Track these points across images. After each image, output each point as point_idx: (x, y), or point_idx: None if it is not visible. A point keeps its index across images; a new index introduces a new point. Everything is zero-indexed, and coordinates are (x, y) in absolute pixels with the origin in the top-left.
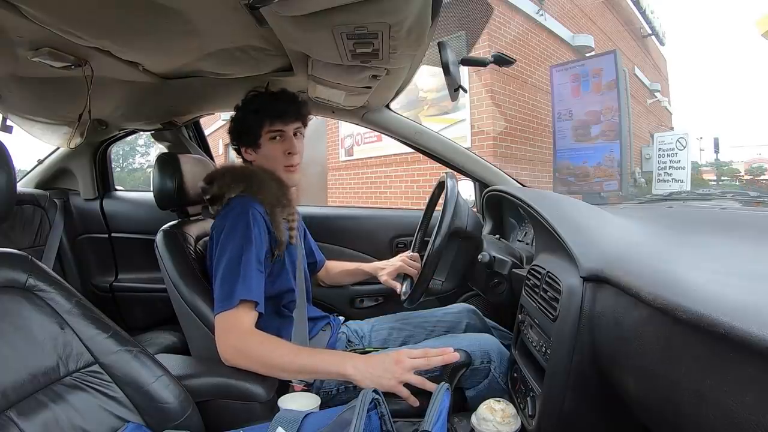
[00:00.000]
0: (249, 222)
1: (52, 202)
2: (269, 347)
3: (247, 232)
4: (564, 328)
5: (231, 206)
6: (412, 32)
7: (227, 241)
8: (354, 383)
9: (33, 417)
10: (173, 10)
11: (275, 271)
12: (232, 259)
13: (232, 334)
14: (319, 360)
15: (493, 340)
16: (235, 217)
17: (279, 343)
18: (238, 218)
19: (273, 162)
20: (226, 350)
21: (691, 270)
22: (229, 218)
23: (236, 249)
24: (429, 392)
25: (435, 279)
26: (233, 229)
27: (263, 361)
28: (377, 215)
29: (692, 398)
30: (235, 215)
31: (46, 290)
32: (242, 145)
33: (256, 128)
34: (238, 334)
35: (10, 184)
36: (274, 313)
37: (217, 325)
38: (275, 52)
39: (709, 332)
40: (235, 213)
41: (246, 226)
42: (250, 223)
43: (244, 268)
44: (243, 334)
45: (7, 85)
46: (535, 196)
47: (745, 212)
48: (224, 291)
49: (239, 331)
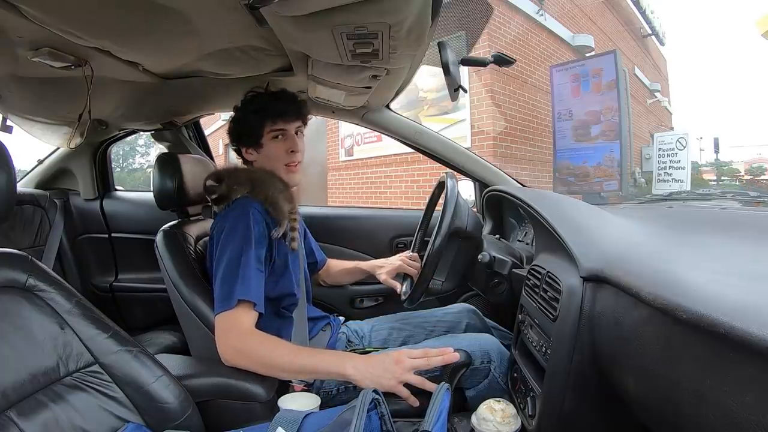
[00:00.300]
0: (249, 223)
1: (52, 202)
2: (269, 347)
3: (247, 233)
4: (564, 328)
5: (232, 207)
6: (412, 32)
7: (227, 242)
8: (354, 383)
9: (33, 417)
10: (173, 10)
11: (277, 272)
12: (232, 259)
13: (232, 334)
14: (319, 360)
15: (493, 340)
16: (236, 217)
17: (279, 343)
18: (238, 219)
19: (275, 161)
20: (227, 350)
21: (691, 270)
22: (230, 219)
23: (236, 249)
24: (429, 392)
25: (435, 279)
26: (233, 230)
27: (263, 361)
28: (377, 215)
29: (692, 398)
30: (236, 216)
31: (46, 290)
32: (243, 146)
33: (258, 128)
34: (238, 335)
35: (10, 184)
36: (274, 313)
37: (217, 325)
38: (275, 52)
39: (709, 332)
40: (236, 213)
41: (246, 226)
42: (250, 223)
43: (243, 268)
44: (243, 334)
45: (7, 85)
46: (535, 196)
47: (745, 212)
48: (224, 291)
49: (239, 331)
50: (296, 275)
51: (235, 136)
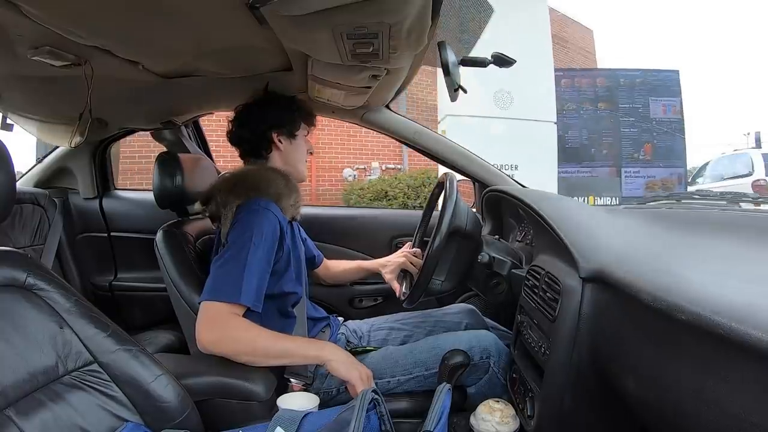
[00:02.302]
0: (262, 221)
1: (51, 201)
2: (253, 333)
3: (258, 230)
4: (563, 328)
5: (245, 206)
6: (412, 32)
7: (236, 236)
8: (329, 368)
9: (32, 416)
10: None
11: (281, 269)
12: (235, 255)
13: (217, 321)
14: (300, 343)
15: (491, 336)
16: (249, 213)
17: (261, 329)
18: (251, 215)
19: (301, 155)
20: (207, 337)
21: (690, 271)
22: (243, 214)
23: (243, 245)
24: (430, 392)
25: (434, 279)
26: (246, 226)
27: (246, 346)
28: (377, 215)
29: (692, 399)
30: (249, 212)
31: (45, 289)
32: (276, 131)
33: (296, 123)
34: (223, 322)
35: (9, 183)
36: (277, 311)
37: (202, 312)
38: (275, 51)
39: (708, 333)
40: (249, 210)
41: (259, 224)
42: (263, 222)
43: (247, 267)
44: (228, 320)
45: (7, 83)
46: (535, 196)
47: (745, 213)
48: (217, 283)
49: (225, 317)
50: (298, 271)
51: (271, 120)
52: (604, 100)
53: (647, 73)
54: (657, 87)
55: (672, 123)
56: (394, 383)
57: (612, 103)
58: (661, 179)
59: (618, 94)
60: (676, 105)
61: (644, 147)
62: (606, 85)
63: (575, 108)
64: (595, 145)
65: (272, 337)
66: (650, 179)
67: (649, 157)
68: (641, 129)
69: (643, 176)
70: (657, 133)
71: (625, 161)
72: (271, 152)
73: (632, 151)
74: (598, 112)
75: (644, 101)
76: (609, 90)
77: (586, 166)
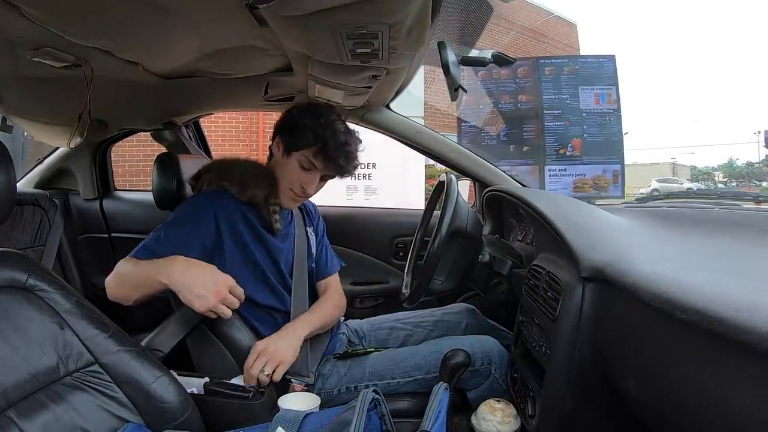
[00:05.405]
0: (190, 208)
1: (52, 202)
2: (128, 265)
3: (185, 215)
4: (564, 328)
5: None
6: (412, 32)
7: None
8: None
9: (33, 417)
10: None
11: (227, 257)
12: (158, 231)
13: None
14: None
15: (494, 342)
16: (185, 203)
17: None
18: (186, 204)
19: (286, 177)
20: (108, 282)
21: (691, 270)
22: (181, 204)
23: (166, 225)
24: (428, 392)
25: (435, 279)
26: (180, 208)
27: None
28: (377, 215)
29: (693, 398)
30: (186, 202)
31: (46, 290)
32: (281, 136)
33: (300, 143)
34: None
35: (10, 184)
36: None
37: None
38: (275, 52)
39: (709, 332)
40: (199, 194)
41: (190, 209)
42: (190, 208)
43: (162, 240)
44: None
45: (6, 85)
46: (536, 195)
47: (745, 212)
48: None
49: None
50: (279, 278)
51: (283, 128)
52: (525, 92)
53: (575, 60)
54: (588, 75)
55: (606, 114)
56: (394, 385)
57: (534, 95)
58: (593, 177)
59: (542, 85)
60: (611, 94)
61: (572, 142)
62: (526, 75)
63: (492, 102)
64: (515, 142)
65: (136, 264)
66: (579, 177)
67: (578, 153)
68: (570, 122)
69: (571, 174)
70: (588, 126)
71: (549, 159)
72: (273, 154)
73: (558, 147)
74: (519, 105)
75: (573, 91)
76: (531, 81)
77: (505, 164)
